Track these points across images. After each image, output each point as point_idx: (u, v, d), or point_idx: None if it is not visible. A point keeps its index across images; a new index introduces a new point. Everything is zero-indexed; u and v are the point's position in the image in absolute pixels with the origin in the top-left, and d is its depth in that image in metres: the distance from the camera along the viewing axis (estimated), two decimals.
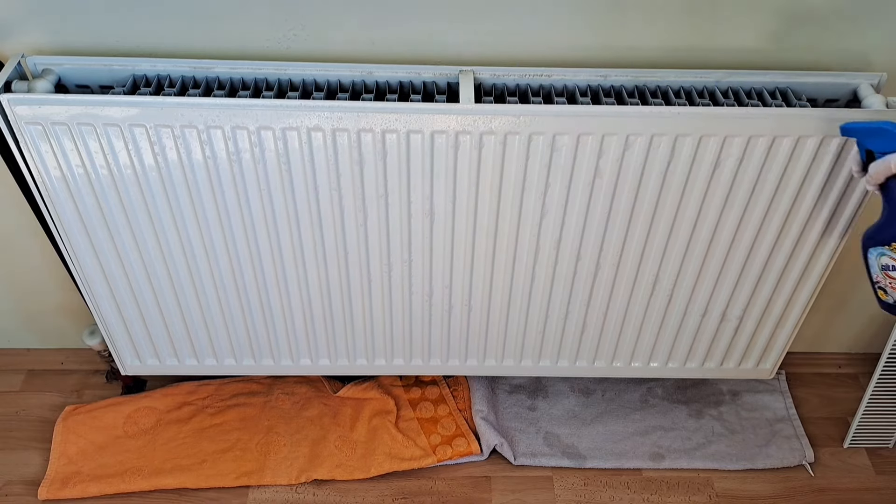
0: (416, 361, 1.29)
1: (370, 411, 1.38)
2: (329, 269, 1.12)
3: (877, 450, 1.37)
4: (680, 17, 0.97)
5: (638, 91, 1.00)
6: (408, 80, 0.99)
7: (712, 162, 0.98)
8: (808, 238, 1.08)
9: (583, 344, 1.26)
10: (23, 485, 1.29)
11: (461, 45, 1.00)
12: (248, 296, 1.16)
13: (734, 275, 1.14)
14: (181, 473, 1.29)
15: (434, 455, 1.32)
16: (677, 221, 1.06)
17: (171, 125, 0.93)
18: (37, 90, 0.93)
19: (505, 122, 0.94)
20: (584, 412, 1.41)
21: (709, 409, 1.41)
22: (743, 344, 1.26)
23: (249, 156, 0.97)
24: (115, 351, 1.26)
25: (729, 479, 1.32)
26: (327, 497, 1.29)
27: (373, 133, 0.95)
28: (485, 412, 1.37)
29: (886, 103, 0.96)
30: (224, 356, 1.27)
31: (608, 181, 1.00)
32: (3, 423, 1.38)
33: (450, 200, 1.03)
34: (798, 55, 1.02)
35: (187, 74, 0.98)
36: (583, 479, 1.32)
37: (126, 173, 0.99)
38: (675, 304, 1.19)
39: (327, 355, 1.27)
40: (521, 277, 1.14)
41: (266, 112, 0.93)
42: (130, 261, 1.10)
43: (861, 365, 1.51)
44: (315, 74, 0.98)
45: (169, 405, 1.39)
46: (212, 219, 1.05)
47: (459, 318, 1.21)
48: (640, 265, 1.12)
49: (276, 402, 1.39)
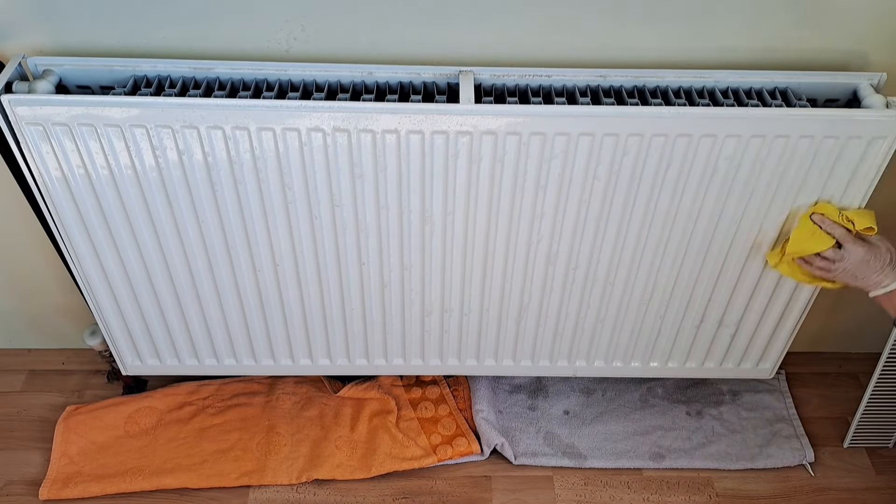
0: (415, 361, 1.29)
1: (371, 411, 1.38)
2: (328, 269, 1.12)
3: (877, 449, 1.37)
4: (679, 16, 0.97)
5: (638, 91, 1.00)
6: (408, 80, 0.99)
7: (713, 162, 0.98)
8: None
9: (582, 344, 1.26)
10: (24, 485, 1.29)
11: (461, 45, 1.00)
12: (248, 296, 1.16)
13: (734, 274, 1.14)
14: (182, 473, 1.29)
15: (434, 455, 1.32)
16: (677, 221, 1.06)
17: (171, 126, 0.94)
18: (38, 91, 0.93)
19: (505, 123, 0.94)
20: (584, 412, 1.41)
21: (709, 409, 1.41)
22: (743, 344, 1.26)
23: (249, 156, 0.97)
24: (115, 351, 1.26)
25: (729, 478, 1.32)
26: (328, 497, 1.29)
27: (373, 133, 0.95)
28: (485, 412, 1.37)
29: (886, 103, 0.96)
30: (224, 356, 1.27)
31: (608, 181, 1.00)
32: (5, 423, 1.39)
33: (449, 201, 1.03)
34: (798, 55, 1.02)
35: (188, 75, 0.98)
36: (583, 478, 1.32)
37: (126, 174, 0.99)
38: (675, 304, 1.19)
39: (327, 355, 1.27)
40: (520, 277, 1.14)
41: (266, 113, 0.93)
42: (131, 261, 1.10)
43: (861, 365, 1.50)
44: (315, 75, 0.98)
45: (170, 405, 1.39)
46: (212, 219, 1.05)
47: (458, 318, 1.21)
48: (640, 265, 1.12)
49: (277, 402, 1.40)
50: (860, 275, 1.01)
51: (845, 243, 1.01)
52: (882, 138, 0.96)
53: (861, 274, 1.01)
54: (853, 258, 1.00)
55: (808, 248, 1.03)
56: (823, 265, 1.03)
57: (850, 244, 1.00)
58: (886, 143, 0.96)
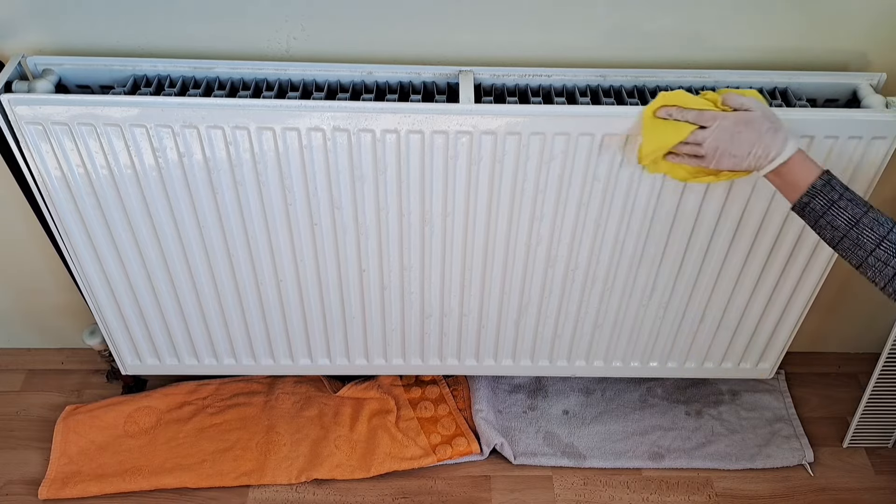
0: (415, 361, 1.29)
1: (370, 411, 1.38)
2: (328, 268, 1.12)
3: (876, 449, 1.37)
4: (679, 16, 0.97)
5: (637, 91, 1.00)
6: (408, 80, 0.99)
7: None
8: (808, 237, 1.09)
9: (581, 344, 1.26)
10: (23, 484, 1.29)
11: (461, 45, 1.00)
12: (248, 295, 1.16)
13: (733, 274, 1.14)
14: (181, 473, 1.29)
15: (434, 454, 1.32)
16: (677, 221, 1.06)
17: (171, 125, 0.94)
18: (37, 90, 0.93)
19: (505, 123, 0.94)
20: (583, 412, 1.41)
21: (708, 409, 1.41)
22: (742, 344, 1.27)
23: (249, 156, 0.97)
24: (115, 350, 1.26)
25: (728, 478, 1.32)
26: (327, 497, 1.29)
27: (373, 133, 0.95)
28: (485, 412, 1.37)
29: (886, 103, 0.96)
30: (224, 356, 1.27)
31: (607, 181, 1.00)
32: (4, 423, 1.38)
33: (449, 201, 1.03)
34: (798, 55, 1.02)
35: (187, 74, 0.98)
36: (582, 478, 1.32)
37: (126, 173, 0.99)
38: (674, 304, 1.19)
39: (326, 355, 1.27)
40: (519, 277, 1.14)
41: (266, 112, 0.93)
42: (130, 260, 1.10)
43: (860, 365, 1.51)
44: (315, 75, 0.99)
45: (169, 405, 1.39)
46: (211, 219, 1.05)
47: (458, 319, 1.21)
48: (639, 265, 1.12)
49: (276, 401, 1.40)
50: (736, 151, 0.85)
51: (705, 121, 0.86)
52: (882, 138, 0.96)
53: (737, 150, 0.85)
54: (721, 134, 0.84)
55: (667, 142, 0.89)
56: (689, 150, 0.88)
57: (710, 119, 0.85)
58: (886, 143, 0.97)
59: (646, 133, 0.91)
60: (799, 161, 0.84)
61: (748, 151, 0.84)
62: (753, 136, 0.84)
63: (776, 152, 0.84)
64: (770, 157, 0.84)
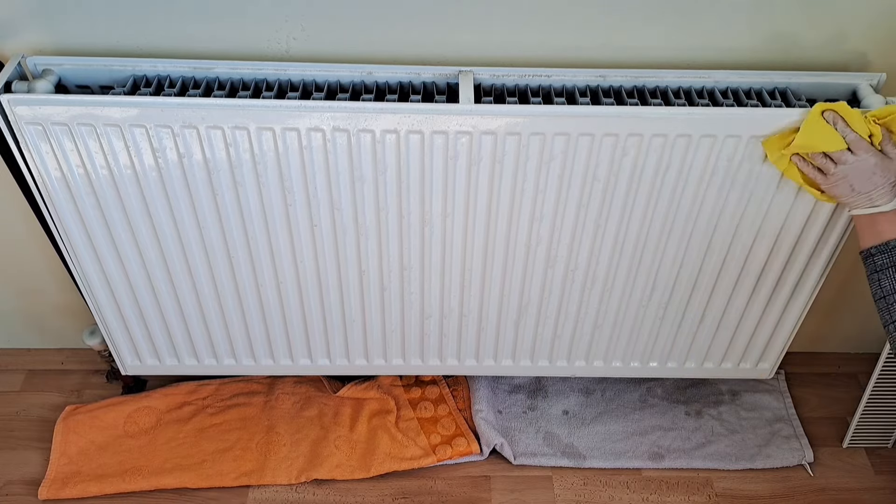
0: (414, 361, 1.29)
1: (370, 411, 1.38)
2: (328, 269, 1.12)
3: (876, 449, 1.37)
4: (679, 16, 0.98)
5: (637, 91, 1.00)
6: (408, 80, 0.99)
7: (713, 162, 0.98)
8: (808, 237, 1.08)
9: (581, 344, 1.26)
10: (23, 484, 1.29)
11: (461, 45, 1.00)
12: (248, 296, 1.16)
13: (733, 274, 1.14)
14: (181, 473, 1.29)
15: (434, 455, 1.32)
16: (676, 221, 1.06)
17: (170, 125, 0.94)
18: (37, 90, 0.93)
19: (504, 123, 0.94)
20: (583, 412, 1.41)
21: (708, 409, 1.41)
22: (742, 344, 1.27)
23: (249, 156, 0.97)
24: (115, 351, 1.26)
25: (728, 478, 1.32)
26: (327, 497, 1.29)
27: (372, 134, 0.95)
28: (484, 412, 1.37)
29: (886, 103, 0.96)
30: (224, 356, 1.27)
31: (607, 181, 1.01)
32: (4, 423, 1.38)
33: (449, 201, 1.03)
34: (798, 55, 1.02)
35: (187, 75, 0.98)
36: (582, 478, 1.32)
37: (126, 174, 0.99)
38: (674, 304, 1.19)
39: (326, 355, 1.27)
40: (519, 278, 1.14)
41: (266, 112, 0.93)
42: (130, 261, 1.10)
43: (860, 365, 1.51)
44: (315, 75, 0.98)
45: (169, 405, 1.39)
46: (211, 219, 1.05)
47: (458, 319, 1.21)
48: (639, 266, 1.12)
49: (276, 401, 1.40)
50: (858, 187, 0.89)
51: (857, 150, 0.89)
52: None
53: (859, 187, 0.89)
54: (860, 165, 0.88)
55: (817, 146, 0.91)
56: (822, 165, 0.91)
57: (862, 151, 0.88)
58: None
59: (806, 126, 0.92)
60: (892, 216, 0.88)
61: (867, 192, 0.88)
62: (880, 182, 0.88)
63: (883, 202, 0.88)
64: (875, 203, 0.88)
